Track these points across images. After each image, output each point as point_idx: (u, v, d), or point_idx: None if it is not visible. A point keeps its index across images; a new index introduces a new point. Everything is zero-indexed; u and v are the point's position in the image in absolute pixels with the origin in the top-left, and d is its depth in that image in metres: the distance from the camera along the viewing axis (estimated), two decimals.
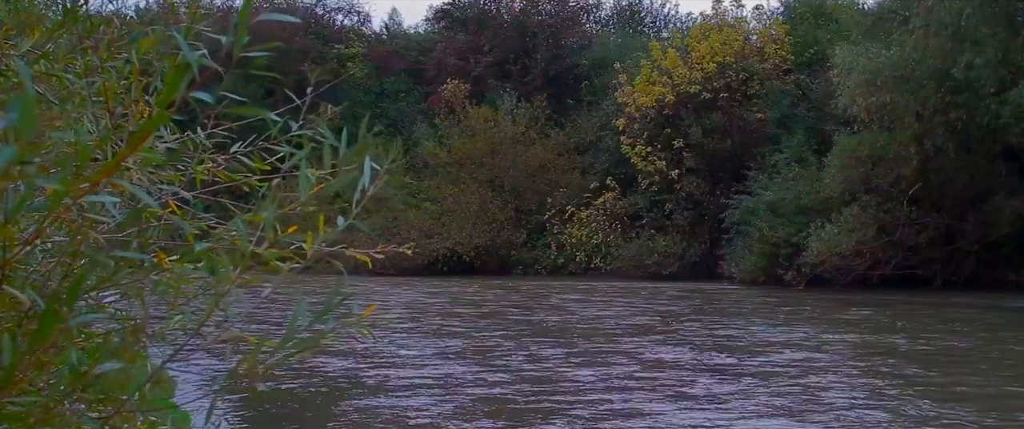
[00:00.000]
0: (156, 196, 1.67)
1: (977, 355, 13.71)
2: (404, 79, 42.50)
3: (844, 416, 9.14)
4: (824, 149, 27.78)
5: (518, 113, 36.88)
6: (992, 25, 22.86)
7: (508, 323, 17.92)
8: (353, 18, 47.68)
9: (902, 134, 24.95)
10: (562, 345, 14.56)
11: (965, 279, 25.34)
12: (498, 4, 42.66)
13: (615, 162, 34.37)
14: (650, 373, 11.75)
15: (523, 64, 40.00)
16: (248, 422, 8.94)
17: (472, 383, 11.02)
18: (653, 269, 31.15)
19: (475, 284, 28.86)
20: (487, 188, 35.89)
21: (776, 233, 27.03)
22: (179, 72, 1.05)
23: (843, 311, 20.22)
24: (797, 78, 32.59)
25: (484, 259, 34.49)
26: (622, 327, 17.37)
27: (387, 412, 9.35)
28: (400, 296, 24.05)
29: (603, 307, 21.80)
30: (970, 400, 9.98)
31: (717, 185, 31.95)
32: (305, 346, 1.26)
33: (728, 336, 15.88)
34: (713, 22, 34.47)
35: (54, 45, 1.44)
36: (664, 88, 32.28)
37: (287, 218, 1.42)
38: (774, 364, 12.49)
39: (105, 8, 1.74)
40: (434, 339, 15.24)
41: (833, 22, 33.73)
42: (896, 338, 15.59)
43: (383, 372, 11.69)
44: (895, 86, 23.66)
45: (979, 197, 25.15)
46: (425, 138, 37.88)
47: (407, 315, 18.86)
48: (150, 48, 1.43)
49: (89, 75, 1.47)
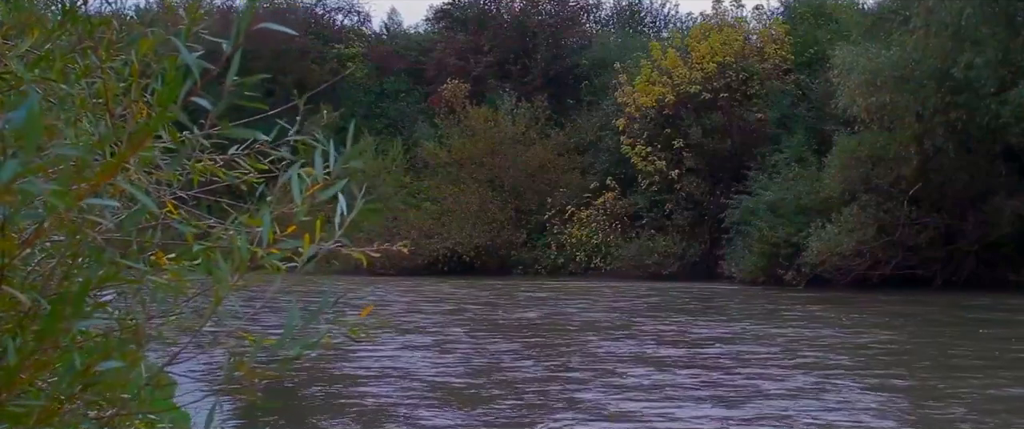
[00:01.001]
0: (155, 196, 1.67)
1: (915, 350, 14.24)
2: (404, 79, 42.49)
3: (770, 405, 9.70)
4: (824, 149, 27.77)
5: (518, 113, 36.87)
6: (992, 25, 22.88)
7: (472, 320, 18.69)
8: (353, 18, 47.73)
9: (902, 134, 24.95)
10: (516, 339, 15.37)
11: (965, 279, 25.33)
12: (498, 4, 42.66)
13: (615, 162, 34.36)
14: (591, 365, 12.50)
15: (523, 64, 40.00)
16: (239, 415, 8.99)
17: (421, 371, 11.89)
18: (653, 269, 31.15)
19: (461, 283, 28.88)
20: (487, 188, 35.88)
21: (776, 233, 27.03)
22: (178, 74, 1.05)
23: (803, 307, 21.00)
24: (797, 78, 32.59)
25: (484, 259, 34.49)
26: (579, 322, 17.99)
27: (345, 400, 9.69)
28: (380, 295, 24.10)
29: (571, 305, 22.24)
30: (891, 390, 10.60)
31: (717, 185, 31.94)
32: (304, 349, 1.26)
33: (676, 331, 16.60)
34: (713, 22, 34.46)
35: (53, 46, 1.45)
36: (664, 88, 32.28)
37: (286, 218, 1.43)
38: (715, 357, 13.23)
39: (104, 9, 1.75)
40: (397, 335, 15.54)
41: (833, 22, 33.72)
42: (834, 331, 16.35)
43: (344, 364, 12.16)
44: (895, 86, 23.66)
45: (979, 197, 25.14)
46: (425, 138, 37.88)
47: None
48: (149, 49, 1.44)
49: (88, 76, 1.48)
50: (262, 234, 1.26)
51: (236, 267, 1.22)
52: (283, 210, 1.33)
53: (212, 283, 1.26)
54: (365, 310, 1.51)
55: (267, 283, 1.39)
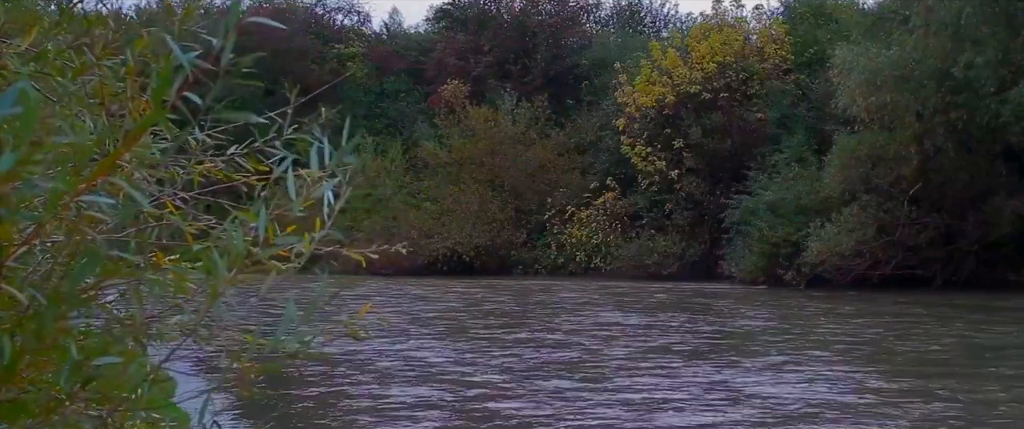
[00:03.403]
0: (154, 196, 1.67)
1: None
2: (404, 79, 42.50)
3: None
4: (824, 149, 27.78)
5: (518, 113, 36.88)
6: (992, 25, 22.88)
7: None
8: (353, 18, 47.73)
9: (902, 134, 24.95)
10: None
11: (965, 279, 25.33)
12: (498, 4, 42.66)
13: (615, 162, 34.36)
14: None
15: (523, 64, 40.00)
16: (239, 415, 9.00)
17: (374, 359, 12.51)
18: (653, 269, 31.15)
19: (455, 282, 28.90)
20: (487, 188, 35.89)
21: (776, 233, 27.04)
22: (171, 71, 1.05)
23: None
24: (797, 78, 32.59)
25: (484, 259, 34.49)
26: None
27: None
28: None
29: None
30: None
31: (717, 185, 31.95)
32: (301, 345, 1.26)
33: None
34: (713, 22, 34.46)
35: (51, 43, 1.45)
36: (664, 88, 32.28)
37: (284, 218, 1.42)
38: (635, 349, 14.01)
39: (101, 8, 1.75)
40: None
41: (833, 22, 33.72)
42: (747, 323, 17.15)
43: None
44: (895, 86, 23.66)
45: (979, 197, 25.14)
46: (425, 138, 37.88)
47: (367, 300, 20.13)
48: (146, 47, 1.44)
49: (85, 73, 1.48)
50: (258, 232, 1.26)
51: (232, 263, 1.22)
52: (282, 210, 1.33)
53: (209, 281, 1.26)
54: (364, 308, 1.51)
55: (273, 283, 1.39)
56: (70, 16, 1.46)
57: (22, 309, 1.29)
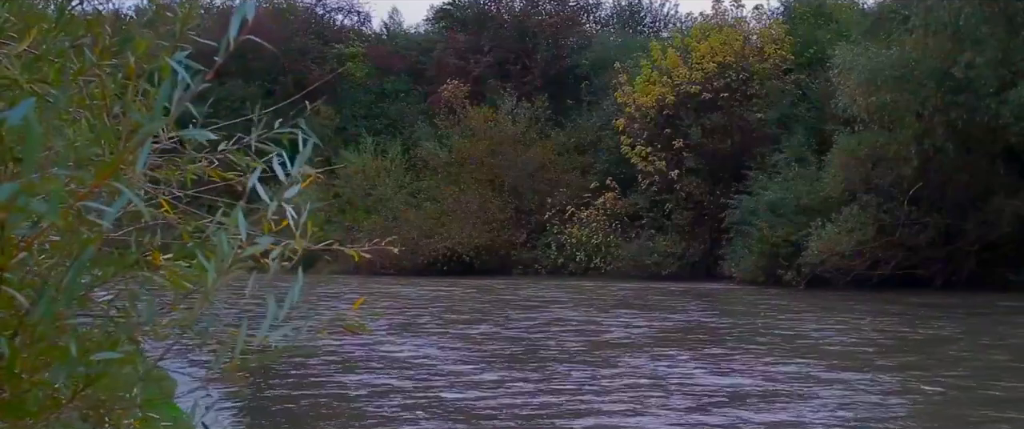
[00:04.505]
0: (153, 196, 1.69)
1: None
2: (404, 79, 42.51)
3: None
4: (824, 149, 27.78)
5: (518, 113, 36.89)
6: (992, 25, 22.87)
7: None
8: (353, 18, 47.77)
9: (902, 134, 24.94)
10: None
11: (965, 279, 25.32)
12: (498, 4, 42.67)
13: (615, 162, 34.36)
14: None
15: (523, 64, 40.00)
16: (240, 415, 9.01)
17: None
18: (653, 269, 31.15)
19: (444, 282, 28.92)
20: (487, 188, 35.89)
21: (776, 233, 27.04)
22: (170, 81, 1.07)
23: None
24: (797, 78, 32.58)
25: (484, 259, 34.49)
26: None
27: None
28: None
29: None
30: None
31: (717, 185, 31.94)
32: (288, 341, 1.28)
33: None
34: (713, 22, 34.45)
35: (49, 46, 1.46)
36: (664, 88, 32.28)
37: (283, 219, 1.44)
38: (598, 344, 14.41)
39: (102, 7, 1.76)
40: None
41: (833, 22, 33.73)
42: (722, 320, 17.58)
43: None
44: (895, 86, 23.66)
45: (979, 197, 25.13)
46: (425, 138, 37.89)
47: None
48: (145, 50, 1.45)
49: (83, 75, 1.49)
50: (243, 234, 1.27)
51: (219, 265, 1.24)
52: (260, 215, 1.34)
53: (202, 280, 1.28)
54: (357, 302, 1.53)
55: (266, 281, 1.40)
56: (69, 17, 1.47)
57: (22, 310, 1.30)
